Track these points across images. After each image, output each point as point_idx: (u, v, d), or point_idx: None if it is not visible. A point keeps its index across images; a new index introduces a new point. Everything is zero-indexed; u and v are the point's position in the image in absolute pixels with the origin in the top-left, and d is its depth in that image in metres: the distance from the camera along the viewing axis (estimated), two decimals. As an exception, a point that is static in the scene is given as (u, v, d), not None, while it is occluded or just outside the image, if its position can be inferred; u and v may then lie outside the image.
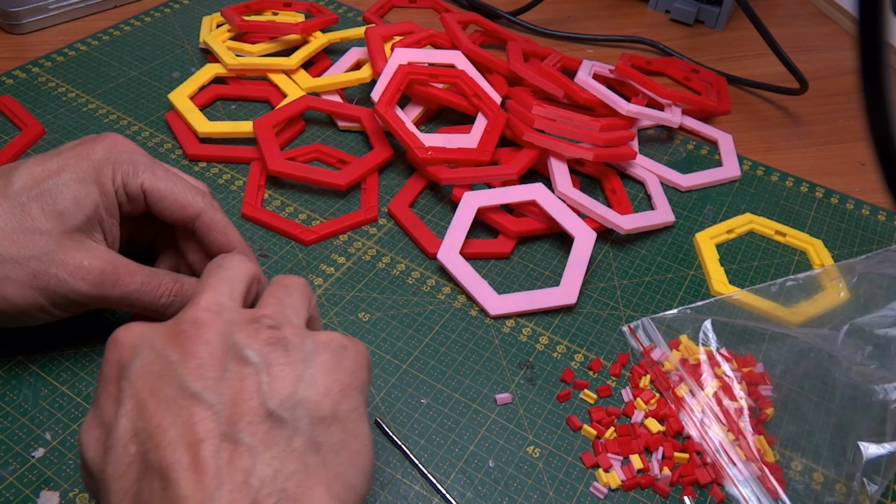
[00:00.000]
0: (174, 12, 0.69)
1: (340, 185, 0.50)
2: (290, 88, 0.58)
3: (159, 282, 0.37)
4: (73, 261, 0.35)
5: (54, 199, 0.35)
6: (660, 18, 0.78)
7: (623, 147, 0.53)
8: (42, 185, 0.35)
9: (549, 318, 0.45)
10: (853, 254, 0.51)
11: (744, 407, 0.40)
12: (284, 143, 0.55)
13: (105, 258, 0.36)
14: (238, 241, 0.39)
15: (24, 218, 0.34)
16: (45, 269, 0.34)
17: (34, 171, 0.35)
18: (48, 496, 0.34)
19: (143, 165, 0.37)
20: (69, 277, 0.34)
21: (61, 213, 0.35)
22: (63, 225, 0.35)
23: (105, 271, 0.35)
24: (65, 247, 0.35)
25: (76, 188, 0.35)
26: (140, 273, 0.36)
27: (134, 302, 0.37)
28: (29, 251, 0.34)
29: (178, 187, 0.37)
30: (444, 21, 0.62)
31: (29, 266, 0.34)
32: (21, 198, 0.34)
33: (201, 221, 0.38)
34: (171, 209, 0.37)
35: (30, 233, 0.34)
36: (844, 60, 0.73)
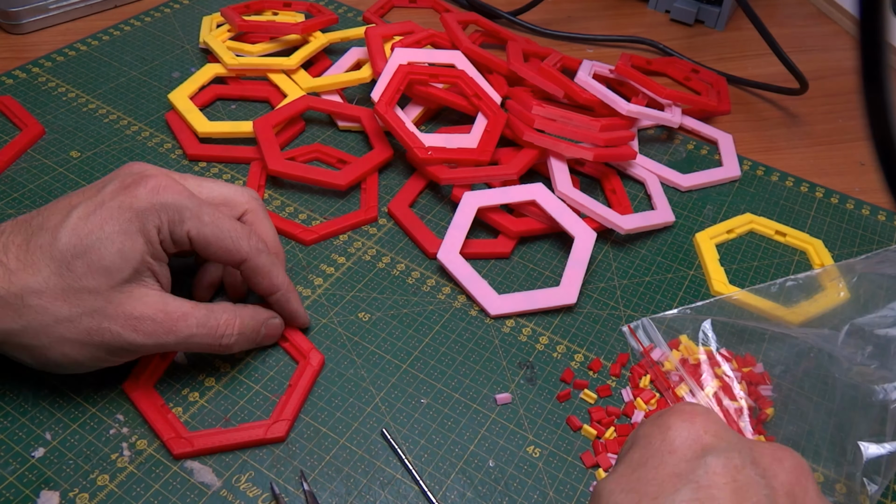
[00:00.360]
0: (174, 12, 0.69)
1: (340, 185, 0.50)
2: (290, 88, 0.58)
3: (217, 321, 0.37)
4: (124, 313, 0.35)
5: (100, 255, 0.34)
6: (660, 18, 0.78)
7: (623, 147, 0.53)
8: (86, 241, 0.34)
9: (549, 318, 0.45)
10: (853, 254, 0.51)
11: (744, 407, 0.40)
12: (284, 143, 0.55)
13: (156, 306, 0.35)
14: (282, 282, 0.40)
15: (72, 277, 0.34)
16: (99, 325, 0.34)
17: (78, 226, 0.34)
18: (48, 496, 0.34)
19: (188, 212, 0.36)
20: (122, 330, 0.35)
21: (108, 268, 0.34)
22: (111, 280, 0.34)
23: (157, 319, 0.35)
24: (115, 301, 0.34)
25: (121, 242, 0.34)
26: (194, 315, 0.36)
27: (194, 345, 0.37)
28: (80, 309, 0.34)
29: (224, 233, 0.37)
30: (444, 21, 0.62)
31: (82, 323, 0.34)
32: (66, 256, 0.34)
33: (246, 266, 0.38)
34: (218, 255, 0.37)
35: (79, 291, 0.34)
36: (844, 60, 0.73)
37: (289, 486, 0.36)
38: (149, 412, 0.37)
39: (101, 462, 0.36)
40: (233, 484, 0.36)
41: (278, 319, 0.41)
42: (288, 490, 0.36)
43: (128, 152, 0.53)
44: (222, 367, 0.40)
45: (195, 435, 0.36)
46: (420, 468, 0.37)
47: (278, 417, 0.37)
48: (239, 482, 0.36)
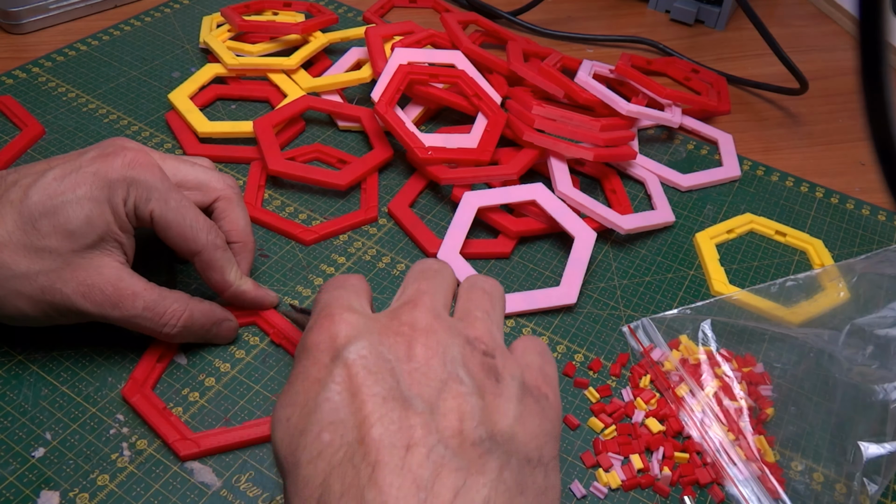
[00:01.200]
0: (174, 12, 0.69)
1: (340, 185, 0.50)
2: (291, 88, 0.58)
3: (165, 309, 0.37)
4: (78, 279, 0.35)
5: (66, 217, 0.35)
6: (660, 18, 0.78)
7: (623, 147, 0.53)
8: (55, 201, 0.35)
9: (549, 318, 0.45)
10: (853, 254, 0.51)
11: (744, 407, 0.40)
12: (284, 143, 0.55)
13: (110, 279, 0.36)
14: (232, 282, 0.40)
15: (35, 235, 0.35)
16: (52, 285, 0.35)
17: (50, 186, 0.35)
18: (48, 496, 0.34)
19: (156, 192, 0.37)
20: (73, 295, 0.35)
21: (72, 232, 0.35)
22: (73, 244, 0.35)
23: (106, 292, 0.36)
24: (73, 264, 0.35)
25: (88, 208, 0.35)
26: (144, 297, 0.37)
27: (136, 325, 0.37)
28: (38, 266, 0.35)
29: (186, 221, 0.38)
30: (444, 21, 0.62)
31: (37, 281, 0.35)
32: (34, 214, 0.35)
33: (199, 258, 0.39)
34: (175, 240, 0.38)
35: (40, 250, 0.35)
36: (844, 60, 0.73)
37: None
38: (151, 416, 0.37)
39: (102, 462, 0.36)
40: (233, 484, 0.36)
41: (234, 323, 0.41)
42: (288, 490, 0.36)
43: (128, 152, 0.53)
44: (222, 366, 0.40)
45: (200, 436, 0.36)
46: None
47: None
48: (239, 482, 0.36)
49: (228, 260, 0.40)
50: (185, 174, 0.40)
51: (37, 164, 0.37)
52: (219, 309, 0.40)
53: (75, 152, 0.38)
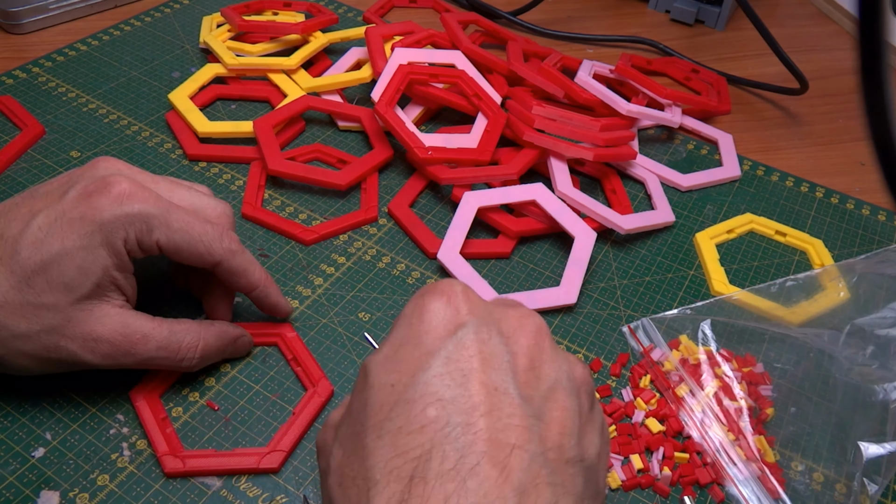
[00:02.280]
0: (174, 12, 0.69)
1: (340, 185, 0.50)
2: (291, 88, 0.58)
3: (178, 345, 0.36)
4: (82, 334, 0.34)
5: (60, 270, 0.33)
6: (660, 18, 0.78)
7: (623, 147, 0.53)
8: (45, 255, 0.33)
9: (549, 318, 0.45)
10: (853, 254, 0.51)
11: (744, 407, 0.40)
12: (284, 143, 0.55)
13: (115, 328, 0.34)
14: (260, 278, 0.39)
15: (31, 293, 0.33)
16: (56, 343, 0.34)
17: (37, 239, 0.33)
18: (48, 496, 0.34)
19: (156, 220, 0.35)
20: (79, 351, 0.34)
21: (67, 285, 0.33)
22: (70, 297, 0.33)
23: (115, 342, 0.34)
24: (74, 319, 0.34)
25: (81, 258, 0.33)
26: (155, 337, 0.35)
27: (153, 365, 0.36)
28: (38, 326, 0.33)
29: (195, 237, 0.36)
30: (444, 21, 0.62)
31: (40, 340, 0.33)
32: (27, 272, 0.33)
33: (221, 268, 0.38)
34: (191, 259, 0.37)
35: (37, 308, 0.33)
36: (844, 60, 0.73)
37: (289, 486, 0.36)
38: (149, 423, 0.36)
39: (102, 462, 0.36)
40: (233, 484, 0.36)
41: (248, 337, 0.40)
42: (288, 490, 0.36)
43: (128, 152, 0.53)
44: (223, 366, 0.40)
45: (189, 455, 0.36)
46: None
47: (275, 447, 0.36)
48: (239, 482, 0.36)
49: (249, 261, 0.38)
50: (179, 198, 0.38)
51: (18, 206, 0.35)
52: (230, 328, 0.39)
53: (57, 185, 0.35)
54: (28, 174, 0.50)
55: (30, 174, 0.50)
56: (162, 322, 0.36)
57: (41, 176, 0.50)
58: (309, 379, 0.40)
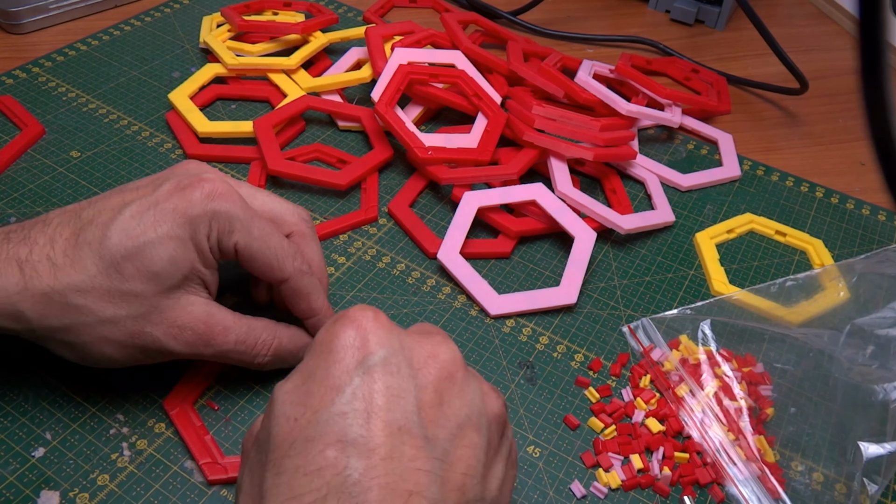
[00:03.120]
0: (174, 12, 0.69)
1: (340, 185, 0.50)
2: (291, 88, 0.58)
3: (255, 340, 0.36)
4: (168, 321, 0.34)
5: (150, 259, 0.33)
6: (660, 18, 0.78)
7: (623, 147, 0.53)
8: (136, 242, 0.33)
9: (549, 318, 0.45)
10: (853, 254, 0.51)
11: (743, 407, 0.40)
12: (284, 143, 0.55)
13: (200, 317, 0.35)
14: (321, 307, 0.39)
15: (119, 279, 0.33)
16: (141, 329, 0.34)
17: (129, 227, 0.33)
18: (48, 496, 0.34)
19: (238, 223, 0.35)
20: (163, 337, 0.34)
21: (157, 274, 0.33)
22: (158, 286, 0.34)
23: (198, 331, 0.35)
24: (160, 307, 0.34)
25: (172, 248, 0.33)
26: (235, 331, 0.36)
27: (228, 358, 0.36)
28: (125, 311, 0.33)
29: (271, 249, 0.36)
30: (444, 21, 0.62)
31: (125, 326, 0.34)
32: (116, 257, 0.33)
33: (287, 286, 0.38)
34: (260, 270, 0.37)
35: (124, 294, 0.33)
36: (844, 60, 0.73)
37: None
38: (187, 433, 0.36)
39: (102, 462, 0.36)
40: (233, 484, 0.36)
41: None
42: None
43: (128, 152, 0.53)
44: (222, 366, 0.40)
45: (231, 461, 0.36)
46: None
47: None
48: (239, 482, 0.36)
49: (315, 287, 0.38)
50: (260, 203, 0.39)
51: (109, 196, 0.35)
52: (303, 333, 0.39)
53: (149, 181, 0.36)
54: (28, 174, 0.50)
55: (30, 174, 0.50)
56: (242, 317, 0.37)
57: (41, 176, 0.50)
58: None
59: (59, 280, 0.33)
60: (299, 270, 0.37)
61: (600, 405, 0.40)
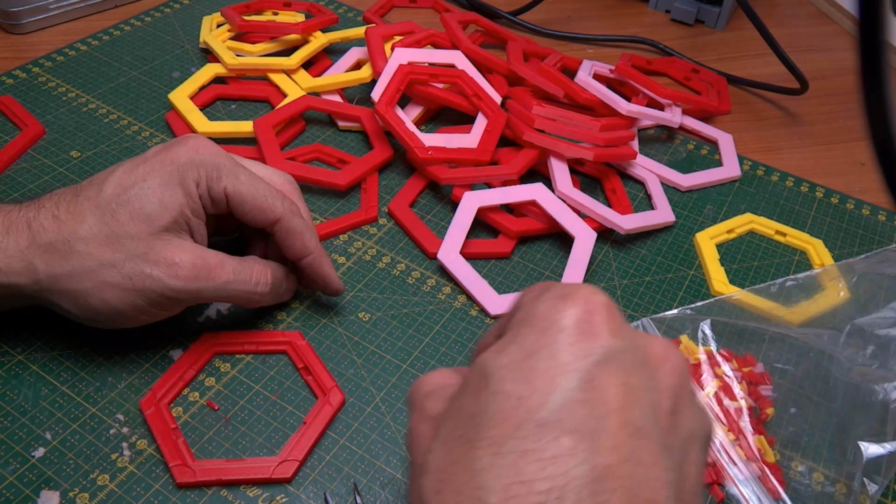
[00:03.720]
0: (174, 12, 0.69)
1: (340, 185, 0.50)
2: (291, 88, 0.58)
3: (251, 270, 0.39)
4: (164, 259, 0.36)
5: (141, 203, 0.36)
6: (660, 18, 0.78)
7: (623, 147, 0.53)
8: (129, 191, 0.36)
9: (549, 318, 0.45)
10: (853, 253, 0.51)
11: (744, 407, 0.40)
12: (284, 143, 0.55)
13: (195, 253, 0.37)
14: (315, 246, 0.41)
15: (115, 224, 0.36)
16: (140, 270, 0.36)
17: (122, 179, 0.37)
18: (48, 496, 0.34)
19: (225, 169, 0.38)
20: (163, 275, 0.36)
21: (149, 216, 0.36)
22: (151, 227, 0.36)
23: (196, 265, 0.36)
24: (155, 247, 0.36)
25: (161, 192, 0.36)
26: (230, 263, 0.38)
27: (230, 293, 0.38)
28: (123, 254, 0.35)
29: (260, 192, 0.39)
30: (444, 21, 0.62)
31: (124, 268, 0.35)
32: (111, 205, 0.36)
33: (279, 226, 0.40)
34: (252, 213, 0.39)
35: (121, 237, 0.36)
36: (844, 60, 0.73)
37: (289, 488, 0.36)
38: (160, 434, 0.36)
39: (102, 462, 0.36)
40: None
41: (294, 275, 0.42)
42: (288, 490, 0.36)
43: (128, 152, 0.53)
44: (222, 366, 0.40)
45: (200, 465, 0.35)
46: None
47: (286, 457, 0.36)
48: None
49: (307, 227, 0.41)
50: (247, 165, 0.41)
51: (104, 171, 0.38)
52: (281, 267, 0.41)
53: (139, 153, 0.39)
54: (28, 174, 0.50)
55: (30, 174, 0.50)
56: (232, 256, 0.39)
57: (41, 176, 0.50)
58: (320, 387, 0.39)
59: (63, 231, 0.36)
60: (290, 210, 0.40)
61: None
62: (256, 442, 0.37)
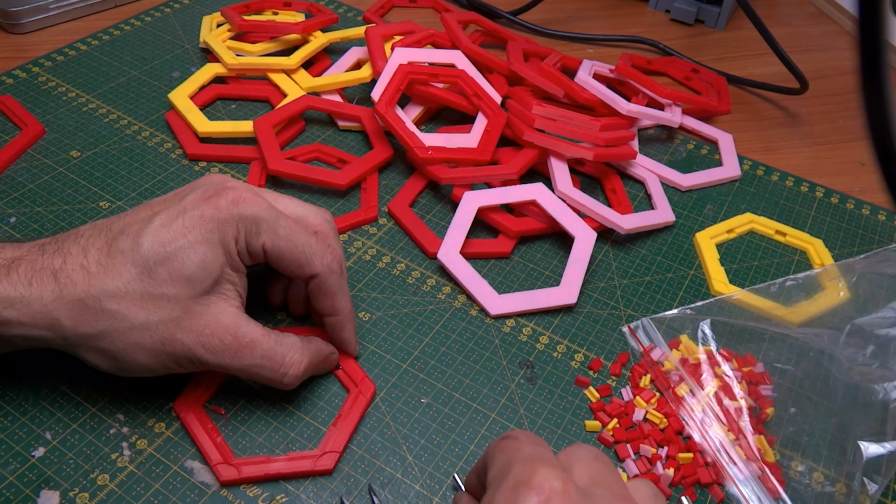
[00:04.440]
0: (174, 12, 0.69)
1: (340, 185, 0.50)
2: (291, 88, 0.58)
3: (283, 357, 0.36)
4: (197, 328, 0.34)
5: (182, 263, 0.34)
6: (660, 18, 0.78)
7: (623, 147, 0.53)
8: (168, 248, 0.34)
9: (549, 318, 0.45)
10: (853, 253, 0.51)
11: (744, 407, 0.40)
12: (285, 143, 0.55)
13: (227, 327, 0.35)
14: (345, 307, 0.39)
15: (153, 284, 0.34)
16: (172, 336, 0.34)
17: (161, 234, 0.34)
18: (48, 496, 0.34)
19: (265, 224, 0.36)
20: (193, 346, 0.34)
21: (189, 278, 0.34)
22: (191, 290, 0.34)
23: (226, 342, 0.35)
24: (191, 312, 0.34)
25: (202, 251, 0.34)
26: (262, 346, 0.36)
27: (255, 374, 0.36)
28: (157, 317, 0.34)
29: (298, 247, 0.37)
30: (445, 21, 0.62)
31: (158, 332, 0.34)
32: (149, 263, 0.34)
33: (315, 283, 0.38)
34: (290, 268, 0.37)
35: (157, 299, 0.34)
36: (844, 60, 0.73)
37: (288, 487, 0.36)
38: (198, 434, 0.36)
39: (102, 462, 0.36)
40: (233, 484, 0.36)
41: (336, 356, 0.41)
42: (289, 490, 0.36)
43: (128, 152, 0.53)
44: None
45: (242, 462, 0.36)
46: (420, 468, 0.37)
47: (327, 449, 0.36)
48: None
49: (342, 286, 0.39)
50: (284, 206, 0.39)
51: (137, 210, 0.36)
52: (325, 346, 0.40)
53: (175, 194, 0.37)
54: (28, 174, 0.50)
55: (30, 174, 0.50)
56: (271, 333, 0.36)
57: (41, 176, 0.50)
58: (351, 380, 0.40)
59: (94, 286, 0.33)
60: (328, 268, 0.38)
61: (600, 404, 0.40)
62: (255, 441, 0.37)
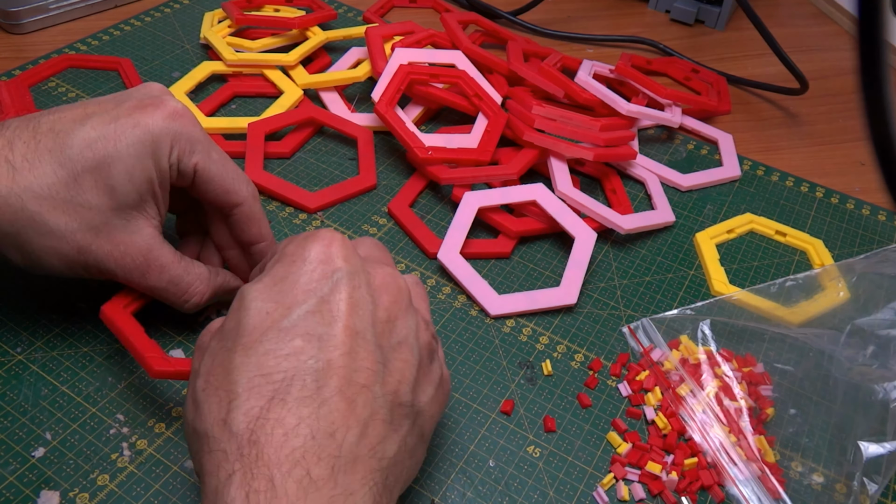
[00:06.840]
0: (174, 12, 0.69)
1: (309, 208, 0.50)
2: (287, 85, 0.58)
3: (188, 286, 0.37)
4: (112, 241, 0.35)
5: (108, 172, 0.34)
6: (660, 18, 0.78)
7: (623, 147, 0.53)
8: (97, 154, 0.33)
9: (549, 318, 0.45)
10: (853, 253, 0.51)
11: (744, 407, 0.40)
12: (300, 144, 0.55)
13: (142, 247, 0.36)
14: (268, 234, 0.41)
15: (76, 189, 0.34)
16: (88, 246, 0.34)
17: (91, 139, 0.34)
18: (48, 496, 0.34)
19: (200, 145, 0.36)
20: (106, 258, 0.35)
21: (113, 188, 0.34)
22: (113, 201, 0.34)
23: (136, 261, 0.36)
24: (110, 224, 0.35)
25: (131, 163, 0.34)
26: (171, 271, 0.37)
27: (158, 295, 0.37)
28: (76, 225, 0.34)
29: (229, 173, 0.38)
30: (445, 21, 0.62)
31: (74, 240, 0.34)
32: (76, 167, 0.33)
33: (240, 210, 0.39)
34: (217, 193, 0.38)
35: (80, 206, 0.34)
36: (844, 60, 0.73)
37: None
38: (127, 330, 0.36)
39: (102, 462, 0.36)
40: (233, 484, 0.36)
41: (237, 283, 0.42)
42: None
43: (128, 152, 0.53)
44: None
45: (176, 358, 0.36)
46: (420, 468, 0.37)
47: None
48: (239, 482, 0.36)
49: (264, 215, 0.40)
50: None
51: (71, 108, 0.35)
52: (233, 279, 0.41)
53: (111, 98, 0.36)
54: (28, 174, 0.50)
55: (30, 174, 0.50)
56: (182, 259, 0.37)
57: (41, 176, 0.50)
58: None
59: (17, 183, 0.33)
60: (253, 195, 0.39)
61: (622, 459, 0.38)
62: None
